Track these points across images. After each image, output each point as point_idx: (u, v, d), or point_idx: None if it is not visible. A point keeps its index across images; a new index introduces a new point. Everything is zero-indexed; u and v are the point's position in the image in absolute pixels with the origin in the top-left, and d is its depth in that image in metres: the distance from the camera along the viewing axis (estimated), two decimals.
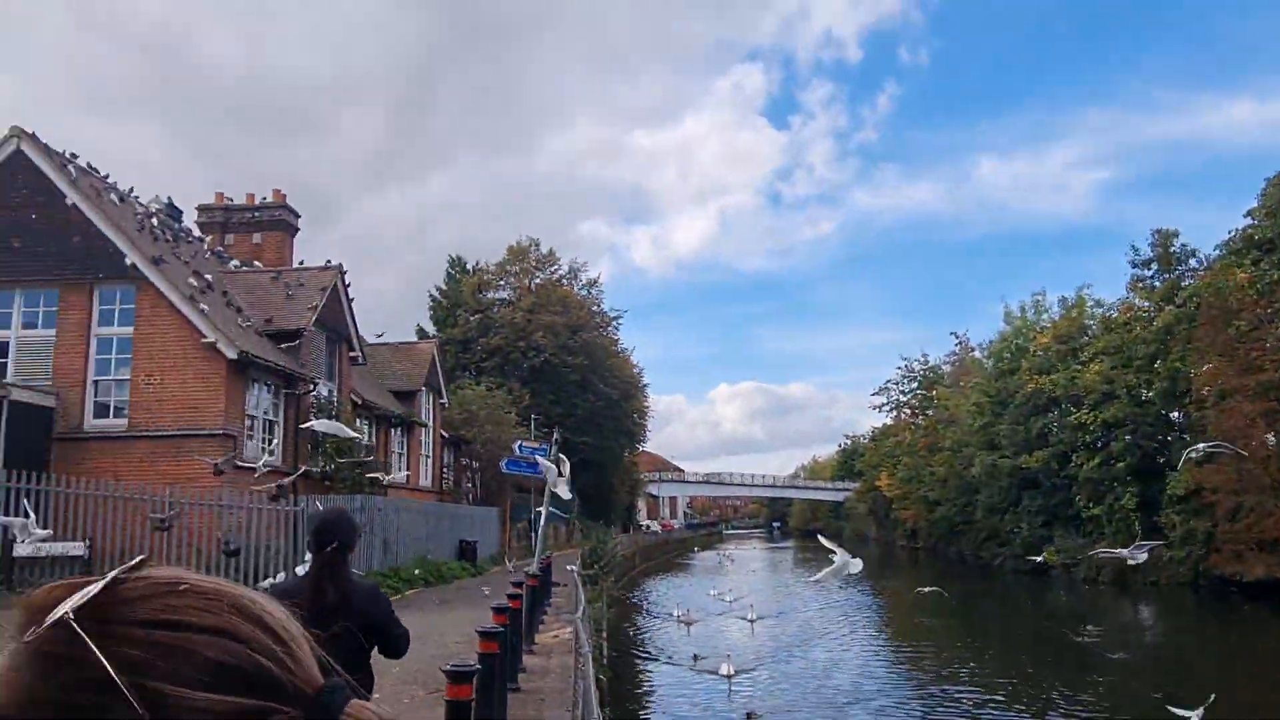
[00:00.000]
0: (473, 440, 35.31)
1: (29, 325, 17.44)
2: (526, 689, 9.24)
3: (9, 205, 17.53)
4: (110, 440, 16.87)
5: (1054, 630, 22.10)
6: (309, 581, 3.59)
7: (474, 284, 53.33)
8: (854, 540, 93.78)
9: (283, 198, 26.98)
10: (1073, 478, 38.81)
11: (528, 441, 13.18)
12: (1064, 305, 45.86)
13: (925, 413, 64.22)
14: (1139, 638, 23.59)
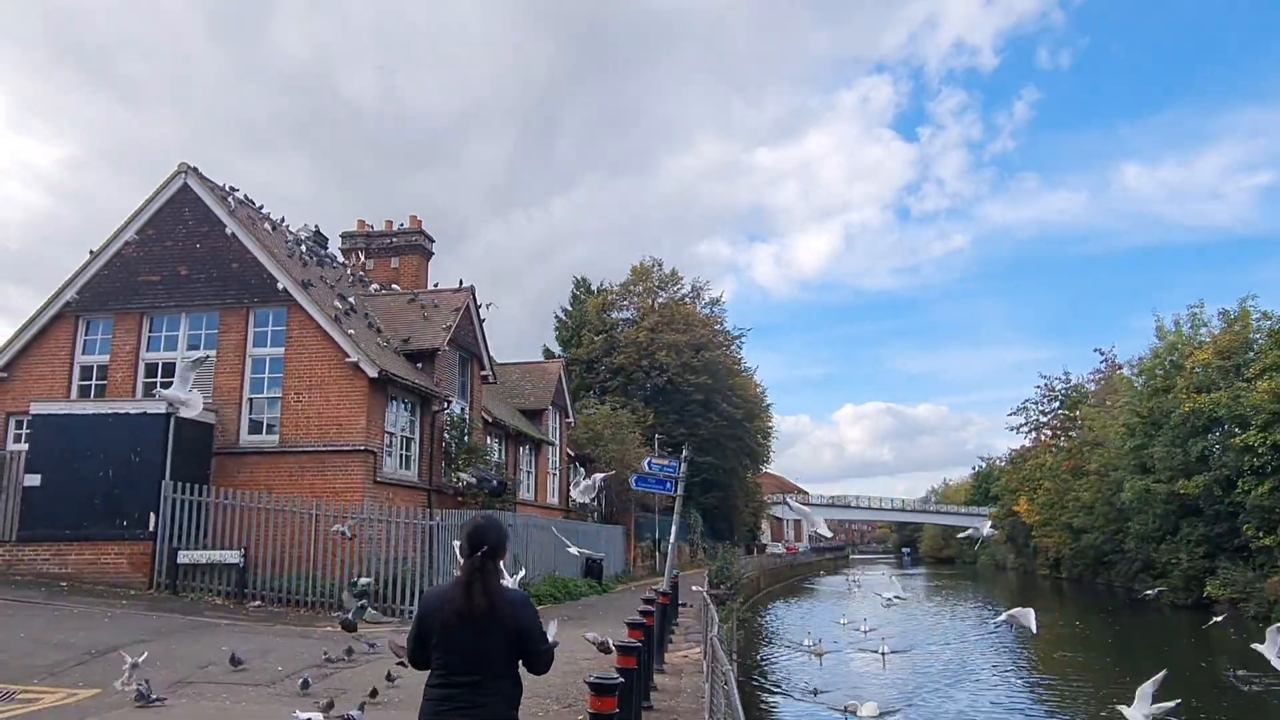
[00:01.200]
0: (597, 459, 35.63)
1: (193, 346, 18.72)
2: (660, 708, 9.11)
3: (177, 236, 18.95)
4: (263, 455, 17.86)
5: (1217, 674, 20.12)
6: (460, 586, 3.59)
7: (598, 304, 54.14)
8: (990, 568, 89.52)
9: (419, 223, 28.12)
10: (1239, 505, 35.70)
11: (657, 459, 13.14)
12: (1225, 318, 42.39)
13: (1068, 434, 60.65)
14: None
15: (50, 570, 15.88)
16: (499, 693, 3.54)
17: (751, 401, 56.95)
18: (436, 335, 21.29)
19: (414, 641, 3.68)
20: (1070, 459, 56.14)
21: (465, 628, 3.53)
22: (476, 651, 3.53)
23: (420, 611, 3.68)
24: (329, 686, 9.51)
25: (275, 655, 10.90)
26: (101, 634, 11.52)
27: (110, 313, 18.89)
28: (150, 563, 16.02)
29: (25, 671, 9.32)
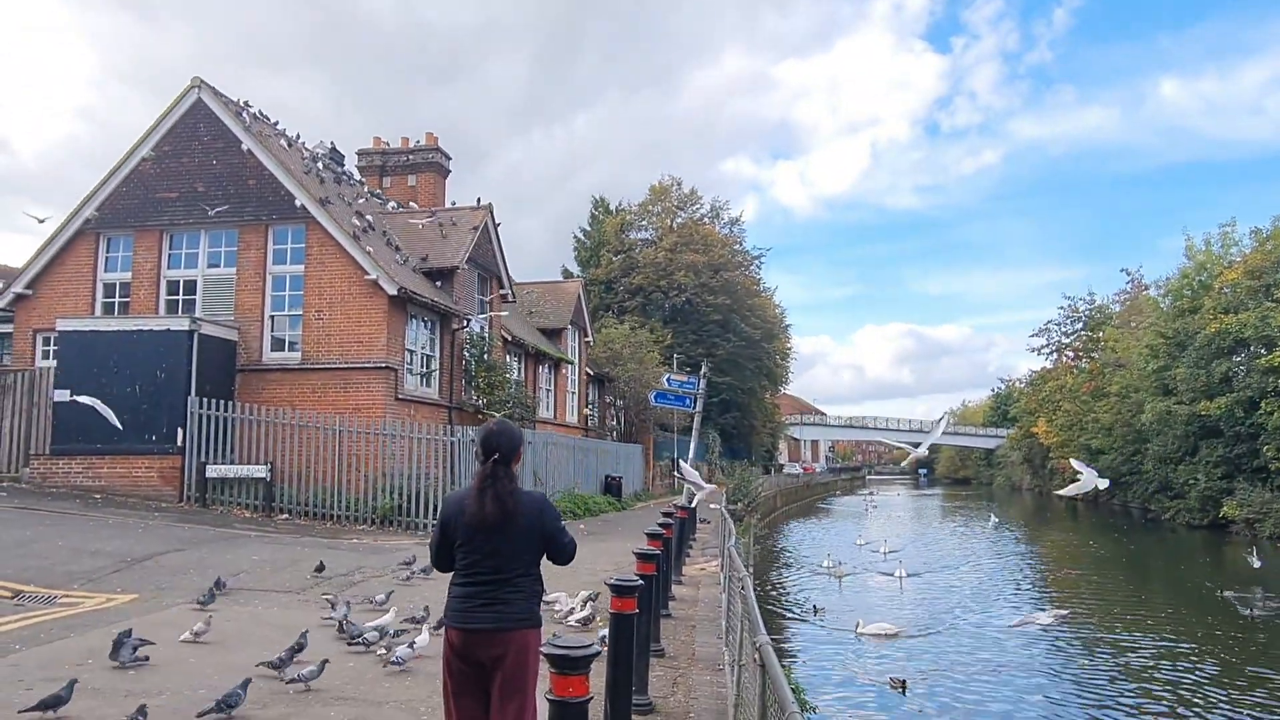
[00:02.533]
0: (616, 378, 35.81)
1: (213, 265, 18.77)
2: (678, 616, 9.33)
3: (192, 153, 18.80)
4: (285, 372, 18.05)
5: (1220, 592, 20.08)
6: (474, 494, 3.62)
7: (617, 224, 53.61)
8: (1006, 489, 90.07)
9: (435, 141, 27.75)
10: (1260, 426, 35.49)
11: (676, 375, 13.11)
12: (1257, 237, 41.36)
13: (1090, 355, 60.08)
14: None
15: (83, 483, 16.29)
16: (522, 590, 3.60)
17: (770, 322, 56.69)
18: (455, 253, 21.20)
19: (437, 545, 3.73)
20: (1091, 380, 55.77)
21: (485, 531, 3.58)
22: (498, 553, 3.58)
23: (441, 516, 3.72)
24: (361, 593, 9.79)
25: (305, 565, 11.20)
26: (136, 543, 11.86)
27: (130, 230, 18.90)
28: (180, 476, 16.39)
29: (65, 577, 9.64)
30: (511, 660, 3.52)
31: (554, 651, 2.80)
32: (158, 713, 5.20)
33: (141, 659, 6.45)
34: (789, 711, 2.23)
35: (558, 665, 2.79)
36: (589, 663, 2.79)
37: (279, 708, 5.58)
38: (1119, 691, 12.26)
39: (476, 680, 3.58)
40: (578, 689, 2.78)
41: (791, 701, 2.32)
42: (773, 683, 2.65)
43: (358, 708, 5.64)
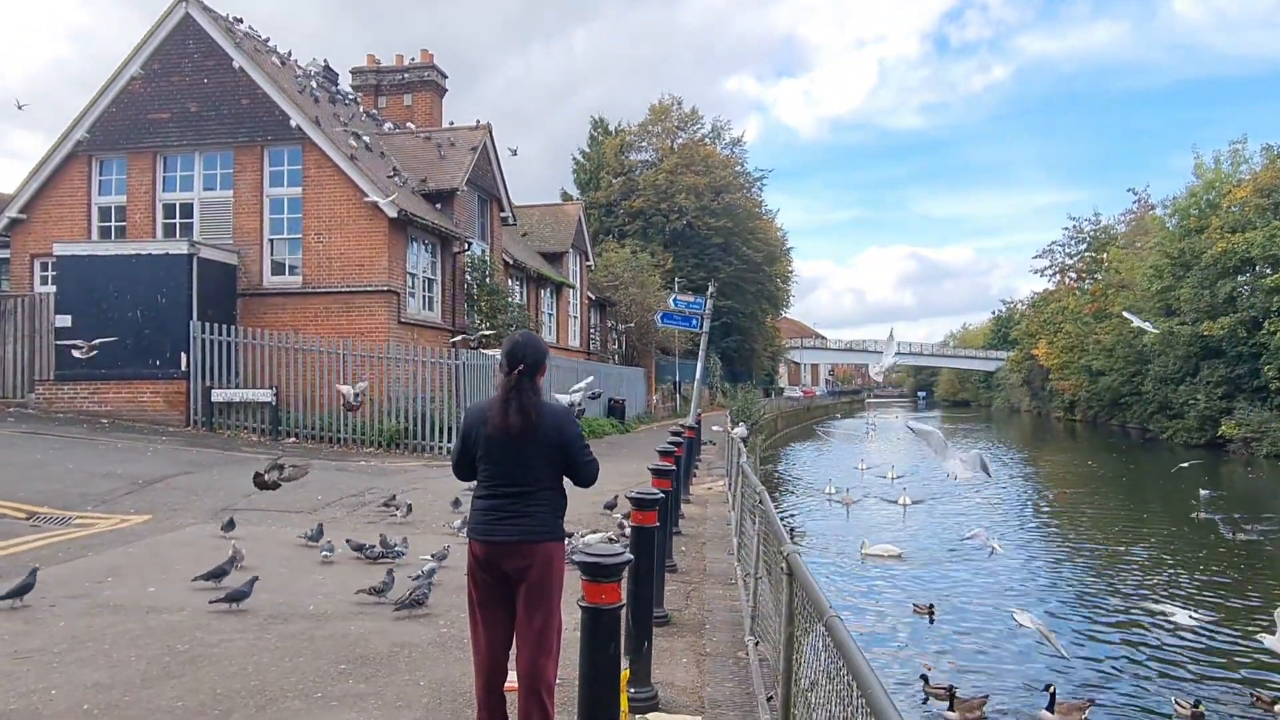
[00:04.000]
0: (618, 302, 35.67)
1: (209, 187, 18.44)
2: (688, 533, 9.43)
3: (183, 71, 18.29)
4: (287, 296, 17.91)
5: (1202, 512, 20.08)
6: (497, 405, 3.57)
7: (616, 145, 52.68)
8: (1005, 411, 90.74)
9: (430, 58, 26.99)
10: (1263, 346, 35.52)
11: (683, 295, 13.01)
12: (1268, 154, 40.64)
13: (1093, 276, 59.79)
14: None
15: (90, 408, 16.33)
16: (545, 503, 3.58)
17: (772, 245, 56.23)
18: (454, 175, 20.83)
19: (458, 455, 3.71)
20: (1094, 301, 55.60)
21: (508, 443, 3.54)
22: (521, 465, 3.55)
23: (464, 427, 3.68)
24: (371, 513, 9.88)
25: (314, 486, 11.27)
26: (147, 466, 11.94)
27: (122, 152, 18.51)
28: (185, 401, 16.42)
29: (79, 499, 9.71)
30: (536, 573, 3.52)
31: (586, 559, 2.77)
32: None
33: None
34: (827, 615, 2.21)
35: (590, 573, 2.77)
36: (621, 570, 2.77)
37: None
38: (1115, 615, 12.41)
39: (501, 591, 3.58)
40: (610, 596, 2.76)
41: (827, 604, 2.30)
42: (805, 589, 2.63)
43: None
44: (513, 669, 3.58)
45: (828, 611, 2.19)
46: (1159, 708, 8.37)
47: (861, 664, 1.88)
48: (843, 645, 2.02)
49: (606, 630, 2.76)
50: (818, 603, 2.34)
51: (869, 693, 1.76)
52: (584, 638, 2.84)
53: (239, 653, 5.00)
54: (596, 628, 2.77)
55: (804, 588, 2.65)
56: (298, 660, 4.88)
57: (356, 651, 5.06)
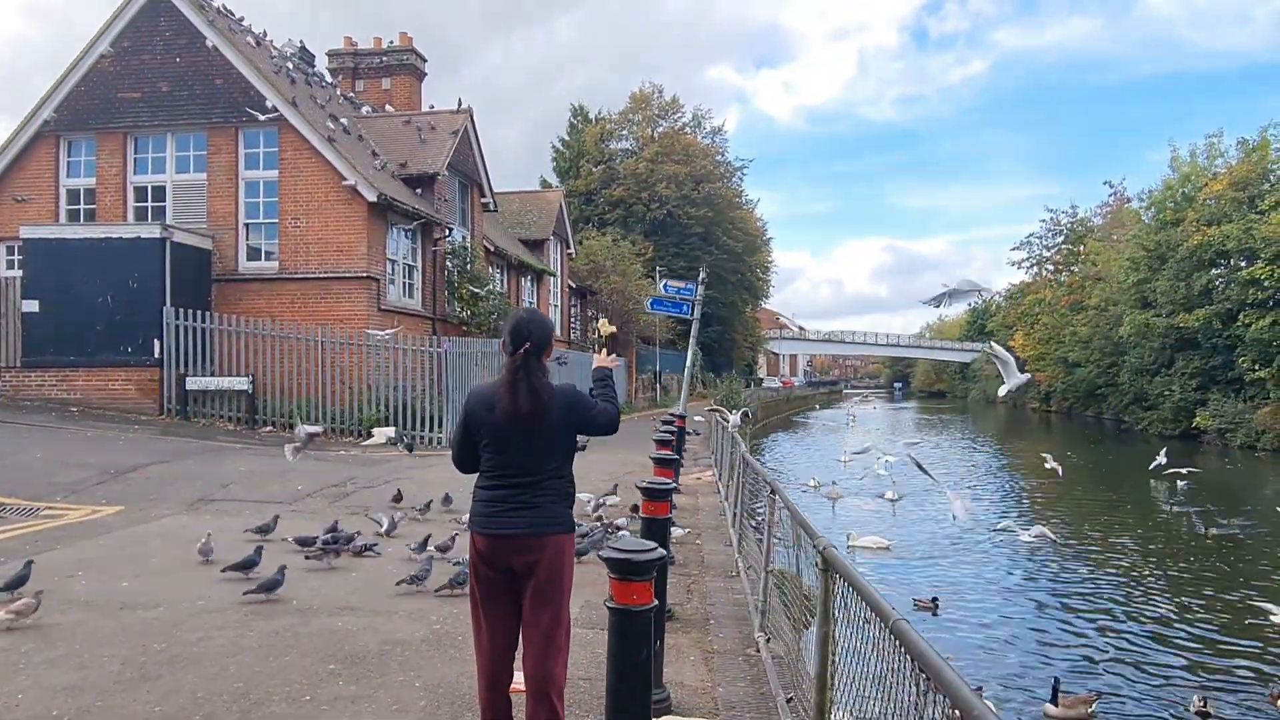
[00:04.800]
0: (599, 291, 35.37)
1: (182, 170, 17.93)
2: (682, 524, 9.21)
3: (154, 50, 17.74)
4: (263, 282, 17.47)
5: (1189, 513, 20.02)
6: (504, 387, 3.31)
7: (596, 134, 52.25)
8: (980, 402, 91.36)
9: (410, 41, 26.48)
10: (1238, 338, 35.87)
11: (673, 281, 12.79)
12: (1243, 148, 40.99)
13: (1070, 269, 60.19)
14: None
15: (58, 395, 15.83)
16: (554, 491, 3.33)
17: (752, 235, 56.11)
18: (435, 159, 20.42)
19: (459, 444, 3.43)
20: (1071, 294, 55.98)
21: (515, 428, 3.28)
22: (529, 451, 3.29)
23: (465, 412, 3.41)
24: (354, 504, 9.58)
25: (294, 476, 10.95)
26: (119, 456, 11.55)
27: (91, 132, 17.95)
28: (159, 389, 15.97)
29: (48, 489, 9.34)
30: (544, 567, 3.27)
31: (616, 556, 2.52)
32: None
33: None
34: (892, 619, 1.99)
35: (619, 570, 2.52)
36: (653, 568, 2.52)
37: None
38: (1098, 605, 12.32)
39: (506, 587, 3.34)
40: (642, 596, 2.51)
41: (890, 607, 2.08)
42: (857, 589, 2.40)
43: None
44: (518, 669, 3.34)
45: (892, 615, 1.96)
46: (1160, 700, 8.27)
47: (945, 669, 1.66)
48: (919, 652, 1.79)
49: (637, 634, 2.51)
50: (878, 606, 2.11)
51: (959, 698, 1.55)
52: (612, 642, 2.59)
53: (220, 652, 4.71)
54: (626, 631, 2.52)
55: (855, 587, 2.41)
56: (284, 660, 4.61)
57: (346, 650, 4.80)
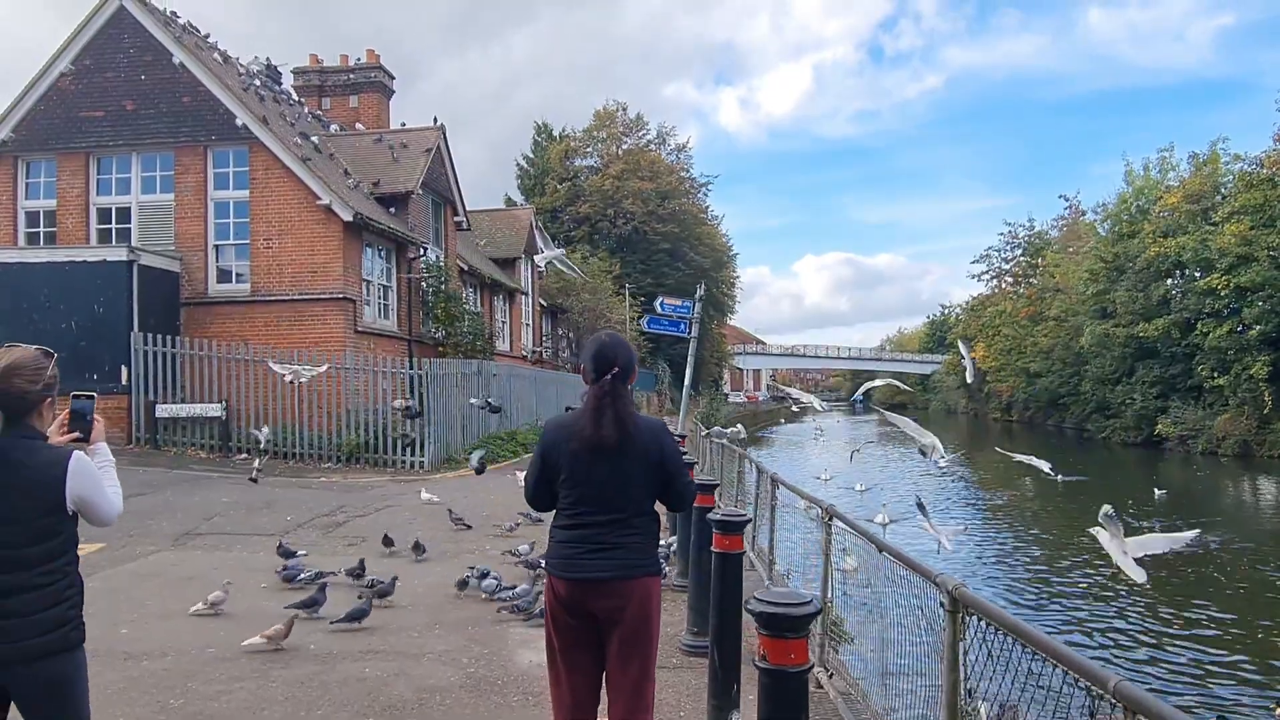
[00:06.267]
0: (570, 309, 35.10)
1: (148, 191, 17.38)
2: None
3: (118, 67, 17.21)
4: (235, 305, 16.96)
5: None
6: (588, 415, 3.06)
7: (561, 151, 52.11)
8: (942, 413, 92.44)
9: (377, 59, 26.13)
10: (1196, 347, 36.68)
11: (669, 299, 12.61)
12: (1194, 162, 42.15)
13: (1029, 281, 61.25)
14: (1251, 513, 21.71)
15: None
16: (640, 530, 3.09)
17: (719, 250, 56.31)
18: (408, 178, 20.07)
19: (535, 479, 3.18)
20: (1030, 305, 56.94)
21: (599, 461, 3.04)
22: (613, 486, 3.05)
23: (542, 445, 3.17)
24: (349, 534, 9.21)
25: (281, 506, 10.53)
26: None
27: (51, 152, 17.33)
28: (127, 417, 15.35)
29: None
30: (632, 614, 3.04)
31: (766, 609, 2.28)
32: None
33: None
34: (1112, 684, 1.79)
35: (771, 626, 2.28)
36: (809, 622, 2.29)
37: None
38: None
39: (588, 635, 3.09)
40: (799, 655, 2.27)
41: (1108, 673, 1.87)
42: (1054, 653, 2.17)
43: None
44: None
45: (1112, 680, 1.76)
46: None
47: None
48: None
49: (794, 697, 2.28)
50: (1087, 670, 1.88)
51: None
52: (764, 709, 2.34)
53: (244, 707, 4.38)
54: (781, 695, 2.28)
55: (1043, 647, 2.15)
56: (316, 714, 4.30)
57: (381, 700, 4.49)
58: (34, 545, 2.48)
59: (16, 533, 2.45)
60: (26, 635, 2.42)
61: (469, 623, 5.93)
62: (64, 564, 2.54)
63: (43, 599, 2.46)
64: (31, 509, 2.47)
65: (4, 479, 2.45)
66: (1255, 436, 33.14)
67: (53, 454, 2.56)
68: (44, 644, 2.45)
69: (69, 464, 2.53)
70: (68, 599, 2.53)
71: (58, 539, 2.53)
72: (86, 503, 2.56)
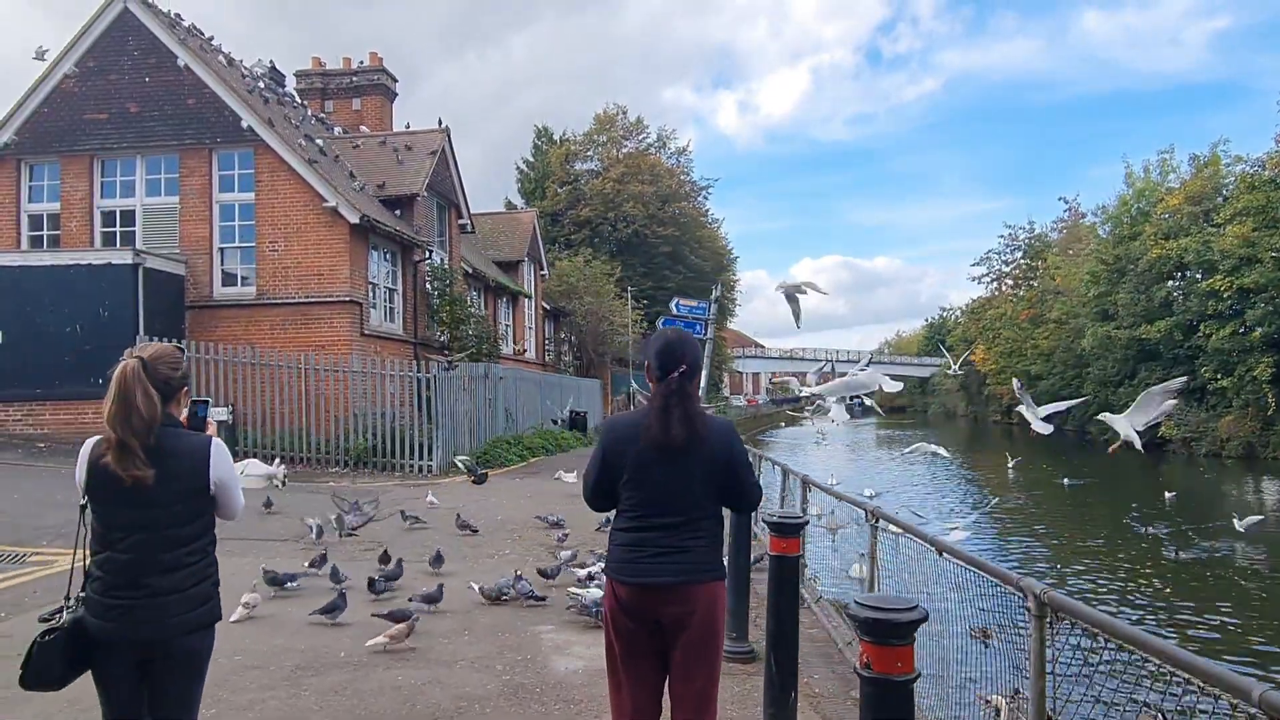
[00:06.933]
0: (572, 312, 35.00)
1: (153, 193, 17.27)
2: None
3: (122, 69, 17.11)
4: (240, 308, 16.85)
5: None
6: (654, 414, 2.94)
7: (561, 155, 52.01)
8: (941, 416, 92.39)
9: (380, 61, 26.05)
10: (1199, 349, 36.62)
11: (685, 299, 12.50)
12: (1195, 163, 42.14)
13: (1029, 283, 61.22)
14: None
15: (24, 431, 15.02)
16: (706, 533, 2.98)
17: (719, 253, 56.19)
18: (414, 180, 19.99)
19: (596, 480, 3.05)
20: (1030, 308, 56.88)
21: (665, 461, 2.93)
22: (679, 488, 2.94)
23: (604, 445, 3.05)
24: (366, 538, 9.08)
25: (293, 511, 10.40)
26: None
27: (55, 155, 17.22)
28: None
29: (33, 533, 8.71)
30: (699, 620, 2.92)
31: (871, 614, 2.17)
32: None
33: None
34: (1256, 692, 1.69)
35: (876, 632, 2.16)
36: (915, 629, 2.18)
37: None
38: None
39: (649, 642, 2.98)
40: (905, 664, 2.16)
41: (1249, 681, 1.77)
42: (1180, 662, 2.07)
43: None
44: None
45: (1256, 690, 1.66)
46: None
47: None
48: None
49: (899, 707, 2.16)
50: (1225, 680, 1.78)
51: None
52: (867, 718, 2.23)
53: (281, 718, 4.26)
54: (885, 705, 2.16)
55: (1164, 656, 2.04)
56: None
57: (418, 709, 4.37)
58: (184, 526, 2.66)
59: (171, 515, 2.63)
60: (180, 610, 2.61)
61: (498, 629, 5.82)
62: (206, 543, 2.73)
63: (191, 576, 2.65)
64: (182, 492, 2.65)
65: (158, 465, 2.60)
66: (1259, 438, 33.09)
67: (196, 440, 2.75)
68: (194, 618, 2.64)
69: (211, 449, 2.73)
70: (209, 576, 2.73)
71: (202, 520, 2.72)
72: (224, 487, 2.75)
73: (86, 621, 2.60)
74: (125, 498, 2.59)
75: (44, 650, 2.60)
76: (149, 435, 2.62)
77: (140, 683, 2.66)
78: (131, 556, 2.59)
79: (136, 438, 2.60)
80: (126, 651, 2.61)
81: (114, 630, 2.58)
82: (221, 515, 2.82)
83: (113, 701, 2.66)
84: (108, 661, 2.63)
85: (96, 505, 2.64)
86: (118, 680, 2.64)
